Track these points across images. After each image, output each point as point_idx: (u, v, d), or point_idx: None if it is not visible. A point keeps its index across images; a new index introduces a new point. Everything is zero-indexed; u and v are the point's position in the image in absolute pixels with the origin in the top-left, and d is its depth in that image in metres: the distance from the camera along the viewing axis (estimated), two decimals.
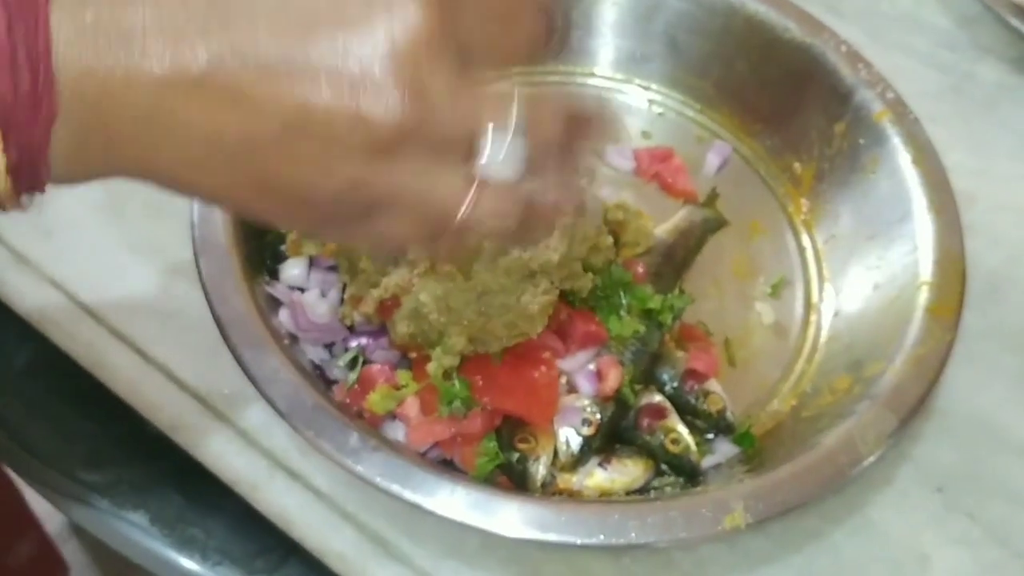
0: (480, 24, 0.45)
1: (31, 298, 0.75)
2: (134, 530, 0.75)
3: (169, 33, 0.40)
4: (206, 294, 0.67)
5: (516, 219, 0.46)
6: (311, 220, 0.46)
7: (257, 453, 0.69)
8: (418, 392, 0.66)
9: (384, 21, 0.41)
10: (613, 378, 0.68)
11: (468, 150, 0.44)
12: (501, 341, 0.66)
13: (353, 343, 0.69)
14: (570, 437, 0.66)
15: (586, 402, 0.67)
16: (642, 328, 0.70)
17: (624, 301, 0.71)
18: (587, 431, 0.67)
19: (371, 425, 0.66)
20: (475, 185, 0.44)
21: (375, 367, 0.68)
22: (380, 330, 0.69)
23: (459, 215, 0.45)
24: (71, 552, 1.36)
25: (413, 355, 0.67)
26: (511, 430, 0.66)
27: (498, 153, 0.44)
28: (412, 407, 0.65)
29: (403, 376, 0.67)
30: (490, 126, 0.44)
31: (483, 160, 0.44)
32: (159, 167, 0.44)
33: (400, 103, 0.41)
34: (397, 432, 0.67)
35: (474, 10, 0.44)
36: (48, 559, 1.28)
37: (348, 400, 0.67)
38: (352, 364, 0.69)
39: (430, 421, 0.65)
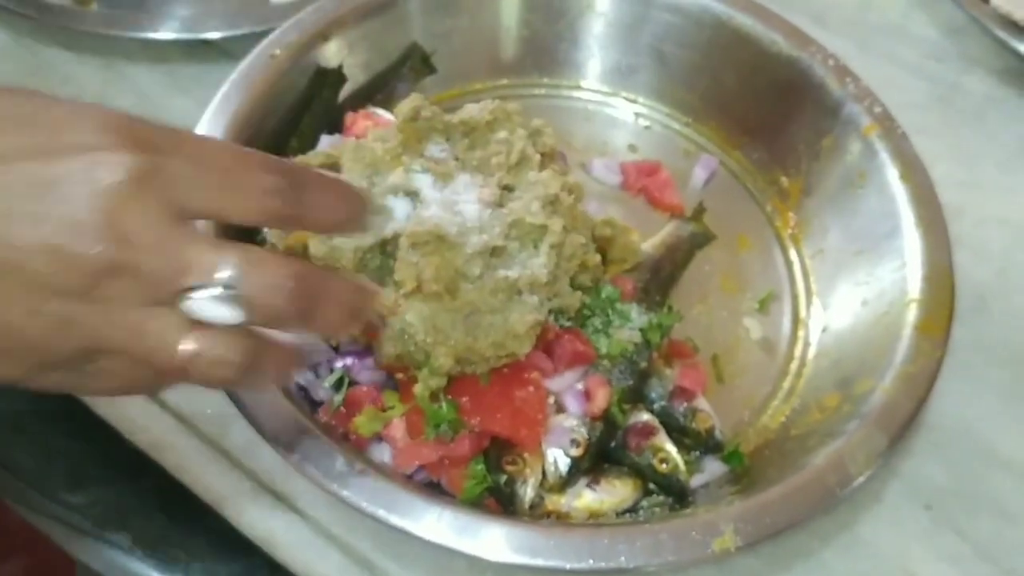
0: (194, 178, 0.45)
1: None
2: (116, 551, 0.75)
3: None
4: None
5: (240, 365, 0.46)
6: (29, 365, 0.45)
7: (241, 475, 0.69)
8: (404, 414, 0.65)
9: (89, 164, 0.42)
10: (601, 398, 0.67)
11: (176, 294, 0.44)
12: (488, 361, 0.65)
13: (338, 364, 0.69)
14: (558, 458, 0.66)
15: (574, 422, 0.67)
16: (631, 347, 0.69)
17: (612, 320, 0.70)
18: (575, 452, 0.66)
19: (357, 446, 0.65)
20: (188, 329, 0.45)
21: (361, 389, 0.67)
22: (366, 350, 0.68)
23: (175, 356, 0.45)
24: None
25: (399, 376, 0.67)
26: (498, 452, 0.66)
27: (208, 299, 0.45)
28: (398, 429, 0.65)
29: (389, 397, 0.66)
30: (197, 271, 0.44)
31: (192, 304, 0.45)
32: None
33: (101, 240, 0.42)
34: (383, 453, 0.66)
35: (187, 165, 0.45)
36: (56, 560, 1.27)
37: (333, 422, 0.66)
38: (337, 385, 0.68)
39: (417, 444, 0.64)
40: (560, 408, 0.68)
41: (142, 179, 0.43)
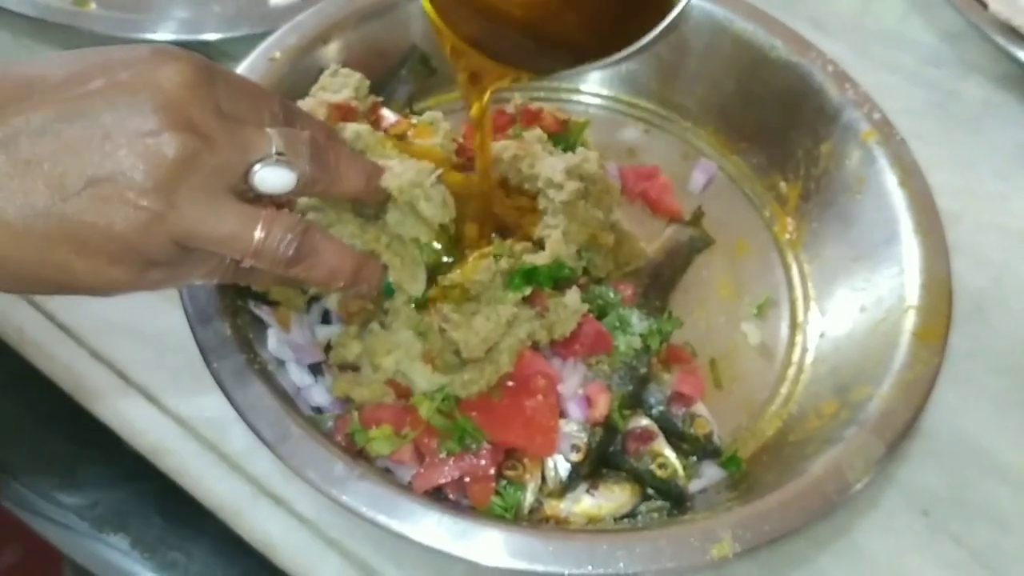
0: (232, 96, 0.54)
1: (9, 318, 0.74)
2: (114, 553, 0.75)
3: None
4: (188, 318, 0.66)
5: (299, 243, 0.55)
6: (136, 266, 0.52)
7: (240, 478, 0.69)
8: (415, 438, 0.65)
9: (151, 75, 0.51)
10: (602, 404, 0.67)
11: (246, 172, 0.53)
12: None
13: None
14: (559, 463, 0.66)
15: (575, 428, 0.67)
16: (631, 352, 0.70)
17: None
18: (576, 457, 0.66)
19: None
20: (258, 216, 0.53)
21: (381, 408, 0.66)
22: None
23: (252, 241, 0.53)
24: None
25: (402, 402, 0.66)
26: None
27: (271, 167, 0.53)
28: (406, 452, 0.64)
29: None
30: (256, 147, 0.53)
31: (259, 175, 0.53)
32: None
33: (176, 134, 0.50)
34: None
35: (226, 85, 0.54)
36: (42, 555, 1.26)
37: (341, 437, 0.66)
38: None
39: (438, 463, 0.64)
40: (561, 414, 0.68)
41: (198, 83, 0.51)
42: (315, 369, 0.70)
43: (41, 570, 1.17)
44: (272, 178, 0.53)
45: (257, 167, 0.53)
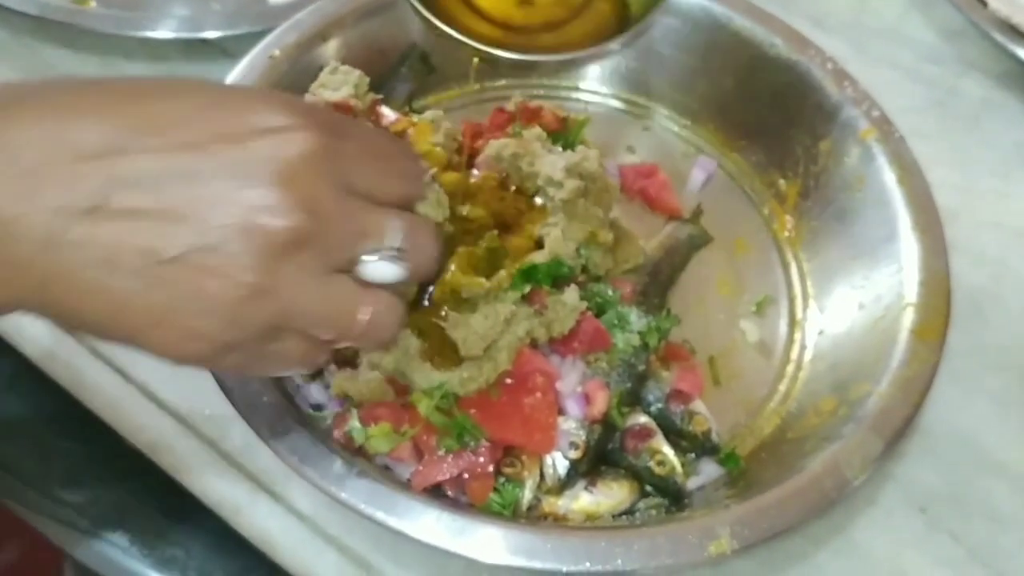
0: (361, 160, 0.51)
1: (8, 315, 0.74)
2: (114, 550, 0.75)
3: (63, 163, 0.44)
4: None
5: (399, 324, 0.53)
6: (218, 345, 0.48)
7: (239, 475, 0.69)
8: (414, 435, 0.65)
9: (280, 142, 0.47)
10: (601, 401, 0.67)
11: (355, 259, 0.50)
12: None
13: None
14: (557, 460, 0.66)
15: (573, 425, 0.67)
16: (630, 350, 0.70)
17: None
18: (574, 454, 0.66)
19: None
20: (363, 294, 0.50)
21: (381, 406, 0.66)
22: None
23: (355, 321, 0.50)
24: None
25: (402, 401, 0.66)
26: None
27: (383, 260, 0.50)
28: (405, 449, 0.64)
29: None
30: (374, 236, 0.50)
31: (369, 267, 0.50)
32: (55, 293, 0.45)
33: (291, 213, 0.46)
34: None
35: (356, 148, 0.51)
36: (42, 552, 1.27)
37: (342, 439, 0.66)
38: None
39: (436, 460, 0.64)
40: (560, 411, 0.68)
41: (325, 155, 0.48)
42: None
43: (41, 567, 1.17)
44: (381, 272, 0.51)
45: (368, 257, 0.50)
